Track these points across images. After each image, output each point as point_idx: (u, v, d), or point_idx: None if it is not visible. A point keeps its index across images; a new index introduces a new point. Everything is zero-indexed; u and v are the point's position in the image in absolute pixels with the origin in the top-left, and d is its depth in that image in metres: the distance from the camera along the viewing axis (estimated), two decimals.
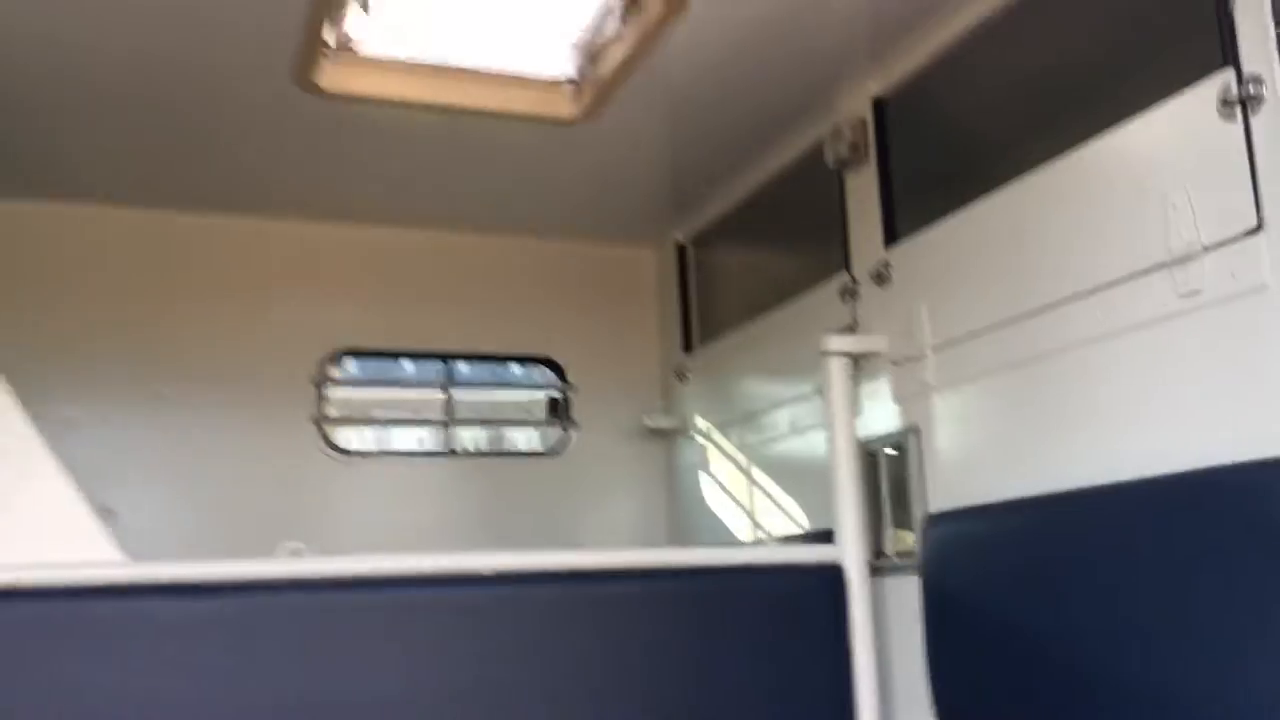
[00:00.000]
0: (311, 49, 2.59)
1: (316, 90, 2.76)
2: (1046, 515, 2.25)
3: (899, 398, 2.70)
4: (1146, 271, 2.01)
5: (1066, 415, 2.23)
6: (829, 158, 2.93)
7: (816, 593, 2.61)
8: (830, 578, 2.61)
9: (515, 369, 4.06)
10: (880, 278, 2.79)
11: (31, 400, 2.16)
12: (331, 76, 2.75)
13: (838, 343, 2.75)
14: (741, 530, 3.48)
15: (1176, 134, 1.97)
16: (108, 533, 2.12)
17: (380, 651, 2.19)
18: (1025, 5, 2.42)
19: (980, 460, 2.48)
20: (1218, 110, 1.86)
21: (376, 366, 3.88)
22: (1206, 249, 1.88)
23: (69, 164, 3.18)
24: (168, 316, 3.48)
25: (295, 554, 2.29)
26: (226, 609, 2.11)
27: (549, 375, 3.99)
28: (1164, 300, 1.97)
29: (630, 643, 2.41)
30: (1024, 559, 2.28)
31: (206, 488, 3.43)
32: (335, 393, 3.68)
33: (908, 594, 2.57)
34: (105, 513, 2.09)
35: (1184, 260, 1.93)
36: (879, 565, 2.67)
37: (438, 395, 3.86)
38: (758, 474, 3.41)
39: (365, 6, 2.50)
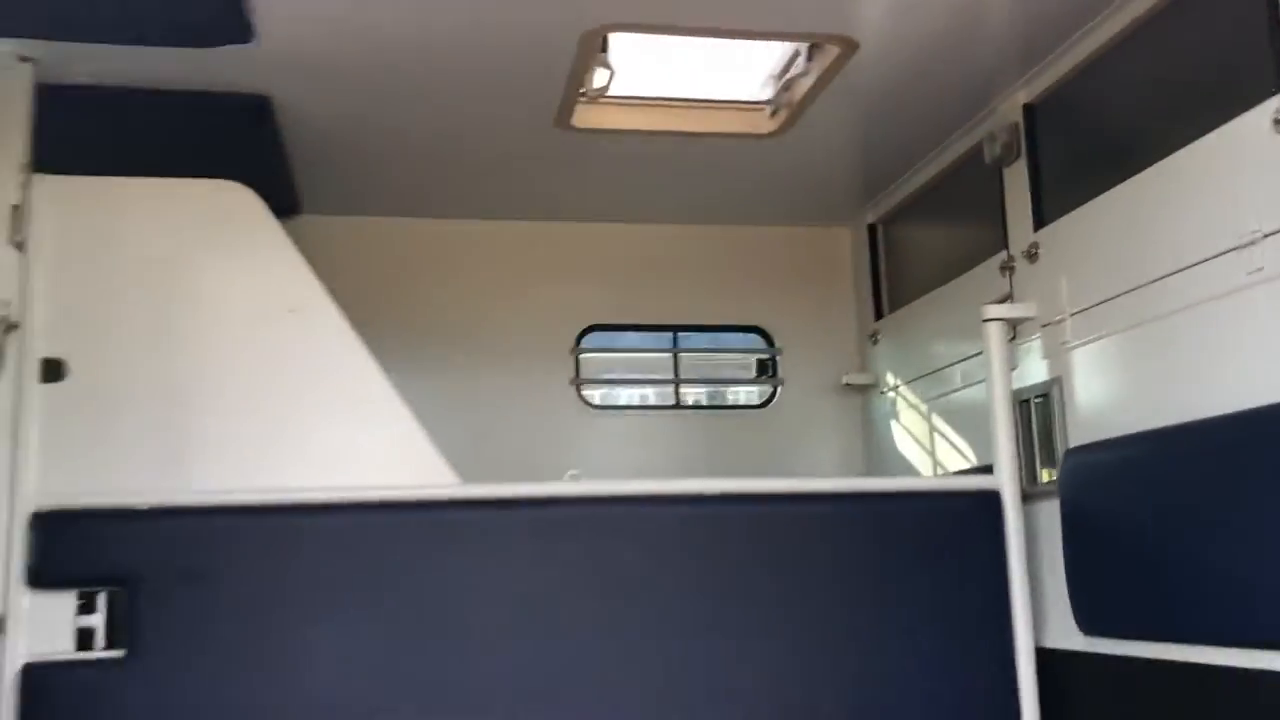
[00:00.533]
0: (569, 100, 3.40)
1: (572, 129, 3.58)
2: (1167, 444, 2.76)
3: (1046, 354, 3.28)
4: (1225, 252, 2.53)
5: (1177, 364, 2.75)
6: (987, 156, 3.51)
7: (978, 516, 3.22)
8: (990, 503, 3.22)
9: (731, 337, 4.82)
10: (1031, 255, 3.36)
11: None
12: (583, 117, 3.55)
13: (996, 310, 3.34)
14: (924, 469, 4.12)
15: (1243, 145, 2.49)
16: (445, 461, 3.00)
17: (634, 549, 2.98)
18: (1147, 25, 2.94)
19: (1109, 403, 3.04)
20: (1270, 127, 2.38)
21: (618, 338, 4.72)
22: (1266, 235, 2.41)
23: (390, 187, 4.15)
24: (456, 302, 4.42)
25: (575, 479, 3.13)
26: (530, 519, 2.96)
27: (760, 341, 4.72)
28: (1236, 276, 2.50)
29: (820, 557, 3.09)
30: (1148, 482, 2.81)
31: (490, 437, 4.34)
32: (586, 359, 4.55)
33: (1052, 518, 3.15)
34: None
35: (1249, 244, 2.45)
36: (1029, 492, 3.26)
37: (667, 360, 4.67)
38: (937, 421, 4.04)
39: (609, 66, 3.27)
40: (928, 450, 4.11)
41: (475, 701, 2.80)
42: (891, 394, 4.41)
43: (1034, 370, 3.35)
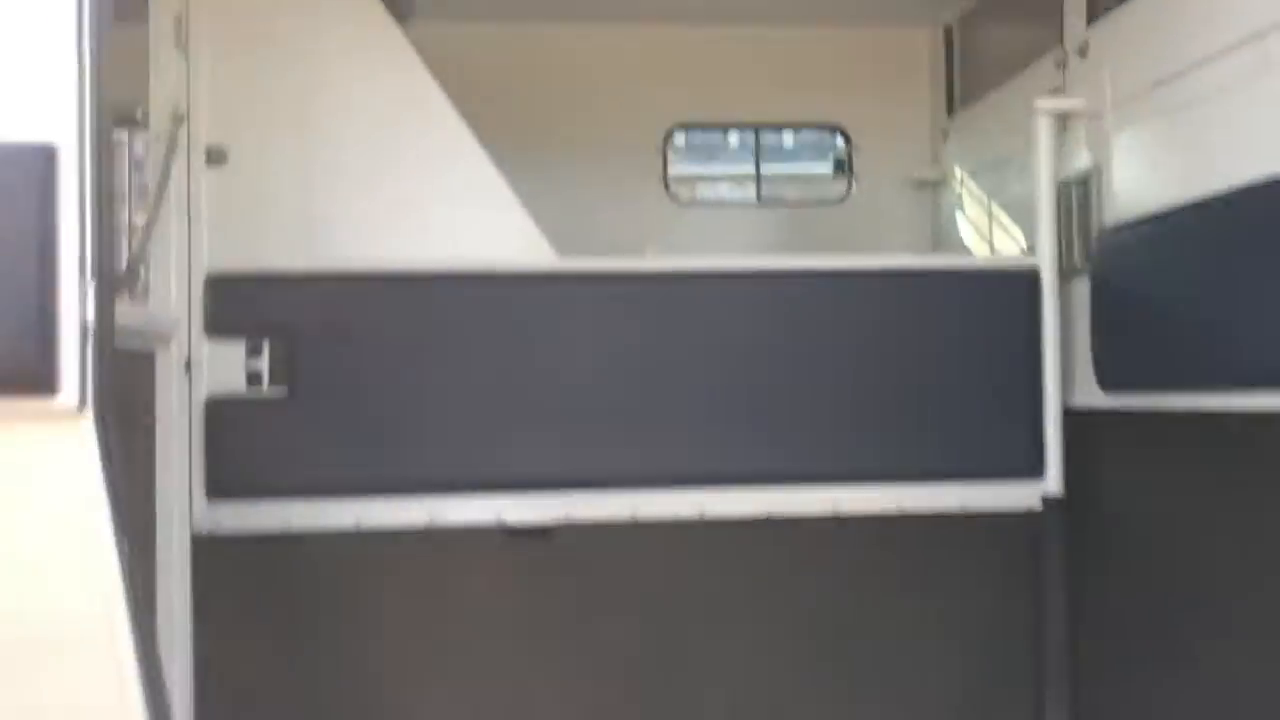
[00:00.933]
0: None
1: None
2: (1190, 216, 3.01)
3: (1089, 144, 3.55)
4: (1259, 36, 2.74)
5: (1210, 148, 3.01)
6: None
7: (1020, 291, 3.58)
8: (1030, 280, 3.58)
9: (810, 135, 5.13)
10: (1083, 51, 3.60)
11: None
12: None
13: (1045, 104, 3.61)
14: (983, 253, 4.46)
15: None
16: (542, 237, 3.49)
17: (708, 320, 3.46)
18: None
19: (1144, 189, 3.33)
20: None
21: (703, 136, 5.08)
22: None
23: None
24: (555, 102, 4.81)
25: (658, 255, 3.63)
26: (619, 291, 3.44)
27: (838, 140, 5.02)
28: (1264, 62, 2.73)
29: (879, 328, 3.54)
30: (1168, 252, 3.09)
31: (582, 229, 4.78)
32: (673, 156, 4.93)
33: (1087, 297, 3.50)
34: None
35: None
36: (1067, 271, 3.60)
37: (749, 157, 5.03)
38: (996, 211, 4.35)
39: None
40: (986, 239, 4.44)
41: (575, 425, 3.40)
42: (958, 188, 4.70)
43: (1078, 160, 3.63)
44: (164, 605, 2.87)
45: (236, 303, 3.30)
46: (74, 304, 1.81)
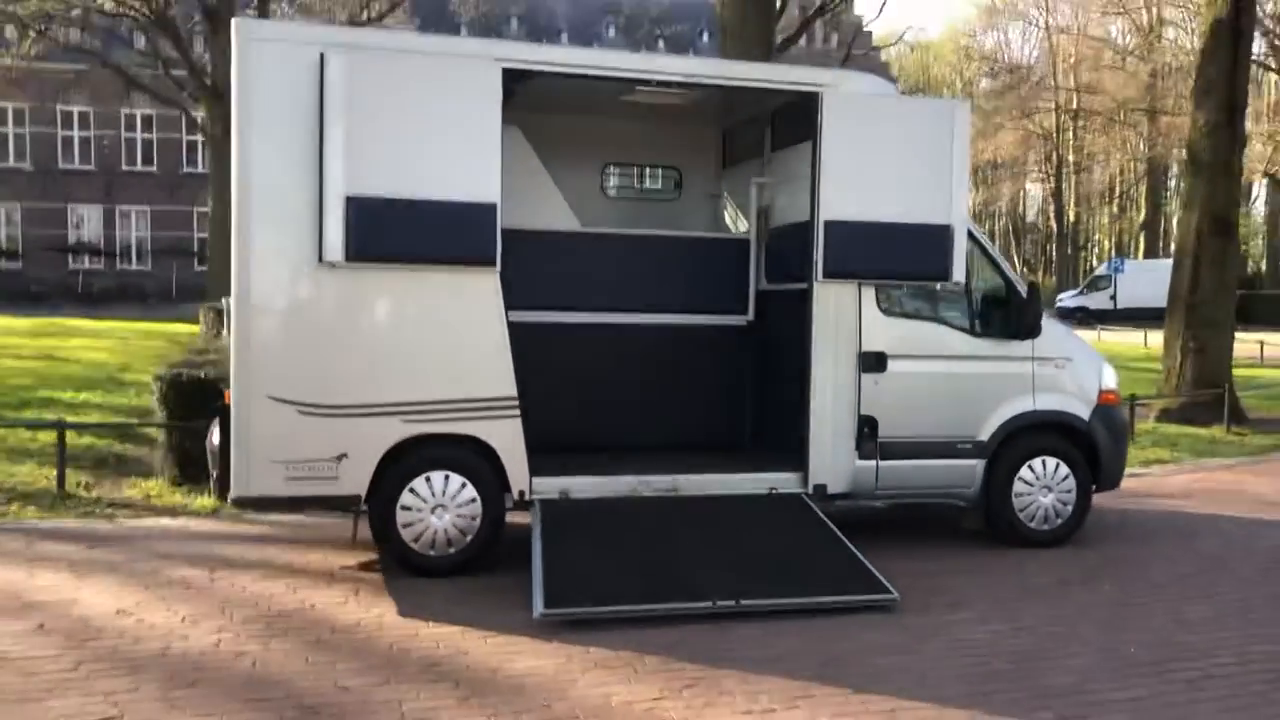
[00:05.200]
0: None
1: None
2: (794, 227, 9.42)
3: (765, 194, 9.80)
4: None
5: (793, 203, 9.28)
6: None
7: (742, 246, 9.88)
8: (745, 243, 9.85)
9: (660, 169, 11.22)
10: (768, 161, 9.82)
11: None
12: None
13: (757, 179, 9.85)
14: (730, 230, 10.73)
15: None
16: (571, 213, 9.48)
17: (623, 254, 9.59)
18: None
19: (782, 213, 9.63)
20: None
21: (621, 169, 11.13)
22: None
23: None
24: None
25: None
26: (594, 240, 9.55)
27: (675, 172, 11.11)
28: None
29: (669, 263, 9.75)
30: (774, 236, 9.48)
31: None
32: (604, 180, 10.92)
33: (764, 246, 9.82)
34: None
35: None
36: (759, 240, 9.91)
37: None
38: (736, 213, 10.59)
39: None
40: (735, 224, 10.75)
41: None
42: (724, 201, 10.94)
43: (764, 199, 9.93)
44: None
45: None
46: None
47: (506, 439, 7.89)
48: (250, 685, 5.82)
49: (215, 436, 8.91)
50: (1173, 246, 33.66)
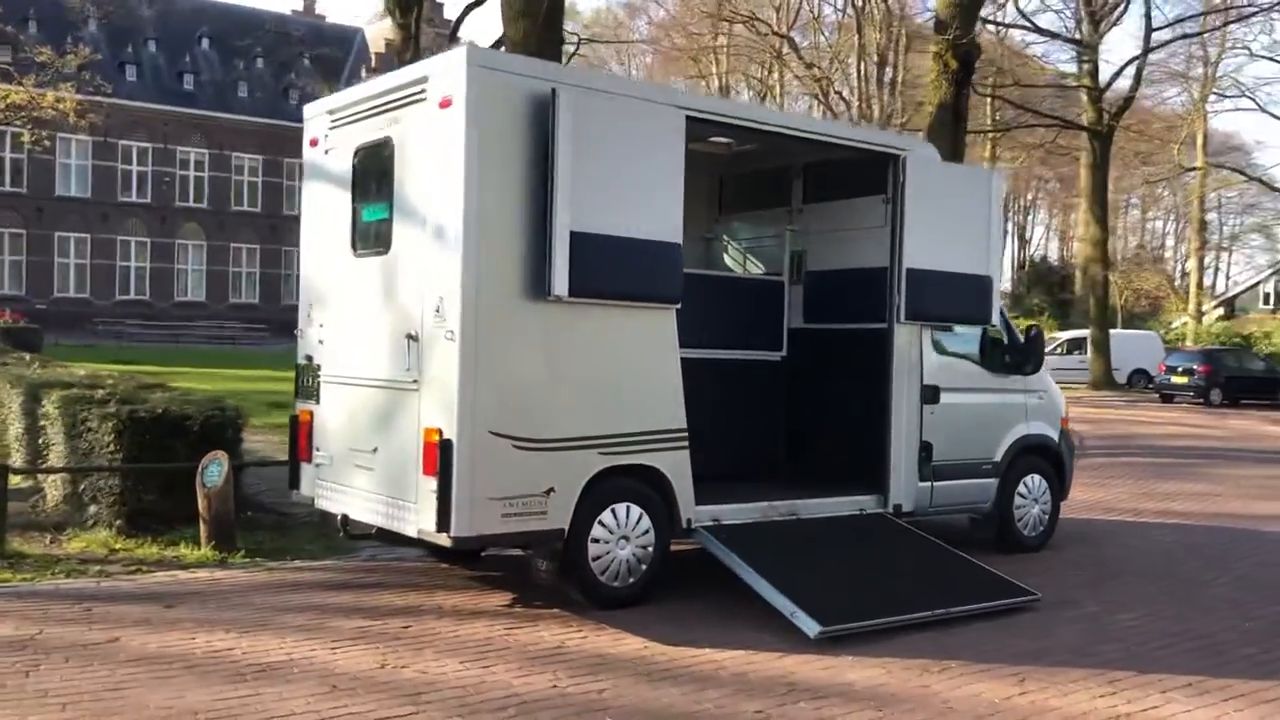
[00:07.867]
0: None
1: None
2: (830, 273, 10.43)
3: (796, 240, 10.75)
4: None
5: (838, 250, 10.32)
6: None
7: (777, 287, 10.73)
8: (779, 284, 10.73)
9: None
10: (799, 212, 10.78)
11: None
12: None
13: (786, 229, 10.77)
14: (738, 270, 11.53)
15: None
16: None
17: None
18: None
19: (815, 260, 10.63)
20: None
21: None
22: None
23: None
24: None
25: None
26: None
27: None
28: None
29: (708, 296, 10.46)
30: (820, 282, 10.47)
31: None
32: None
33: (799, 291, 10.75)
34: None
35: None
36: (792, 281, 10.81)
37: None
38: (740, 255, 11.41)
39: None
40: (741, 265, 11.55)
41: None
42: (721, 243, 11.71)
43: (795, 245, 10.86)
44: None
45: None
46: None
47: (679, 469, 8.21)
48: None
49: (213, 477, 8.79)
50: None
